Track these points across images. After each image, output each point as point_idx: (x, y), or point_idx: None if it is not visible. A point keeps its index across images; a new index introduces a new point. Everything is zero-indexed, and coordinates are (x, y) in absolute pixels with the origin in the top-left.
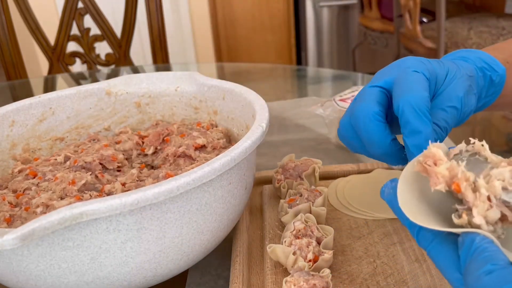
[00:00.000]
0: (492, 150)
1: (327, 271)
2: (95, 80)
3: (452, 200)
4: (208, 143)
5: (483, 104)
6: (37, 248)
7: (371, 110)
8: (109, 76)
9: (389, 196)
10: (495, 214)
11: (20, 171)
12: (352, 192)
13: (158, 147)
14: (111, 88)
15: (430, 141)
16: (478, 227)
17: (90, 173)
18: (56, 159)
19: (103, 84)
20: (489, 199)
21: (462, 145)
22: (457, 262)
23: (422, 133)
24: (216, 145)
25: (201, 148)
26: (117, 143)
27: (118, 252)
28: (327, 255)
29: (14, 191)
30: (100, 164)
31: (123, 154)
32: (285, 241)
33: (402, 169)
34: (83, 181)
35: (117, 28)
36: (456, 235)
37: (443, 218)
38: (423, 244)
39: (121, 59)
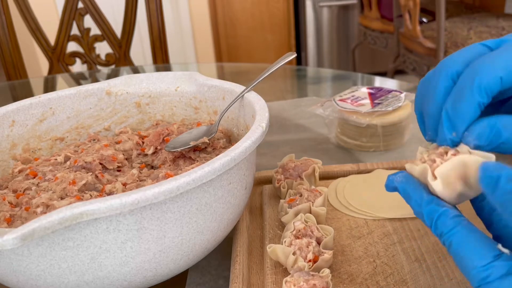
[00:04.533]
0: None
1: (327, 271)
2: (95, 80)
3: None
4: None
5: None
6: (37, 248)
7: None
8: (109, 76)
9: (402, 183)
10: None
11: (20, 171)
12: (352, 192)
13: (158, 147)
14: (111, 88)
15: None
16: None
17: (91, 173)
18: (56, 159)
19: (103, 84)
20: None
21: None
22: (484, 248)
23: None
24: (216, 145)
25: (201, 148)
26: (117, 143)
27: (118, 252)
28: (327, 255)
29: (14, 191)
30: (100, 164)
31: (123, 154)
32: (285, 241)
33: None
34: (83, 181)
35: (117, 28)
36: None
37: None
38: (444, 231)
39: (121, 59)
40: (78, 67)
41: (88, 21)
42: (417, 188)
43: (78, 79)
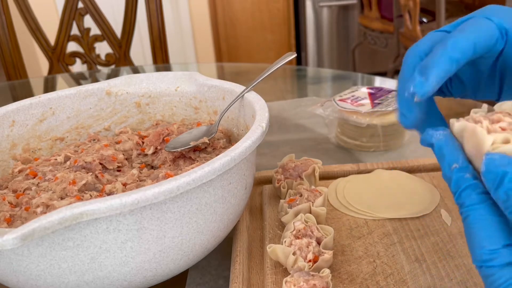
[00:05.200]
0: None
1: (327, 271)
2: (95, 80)
3: None
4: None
5: None
6: (37, 248)
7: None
8: (109, 76)
9: (439, 141)
10: None
11: (20, 171)
12: (352, 192)
13: (158, 147)
14: (111, 88)
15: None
16: None
17: (91, 173)
18: (56, 159)
19: (103, 84)
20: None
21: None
22: (497, 234)
23: (406, 117)
24: (216, 145)
25: (201, 148)
26: (117, 143)
27: (118, 252)
28: (327, 255)
29: (14, 191)
30: (100, 164)
31: (123, 154)
32: (285, 241)
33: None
34: (83, 181)
35: (117, 28)
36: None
37: None
38: (465, 202)
39: (121, 59)
40: (78, 67)
41: (88, 21)
42: (454, 150)
43: (78, 79)
